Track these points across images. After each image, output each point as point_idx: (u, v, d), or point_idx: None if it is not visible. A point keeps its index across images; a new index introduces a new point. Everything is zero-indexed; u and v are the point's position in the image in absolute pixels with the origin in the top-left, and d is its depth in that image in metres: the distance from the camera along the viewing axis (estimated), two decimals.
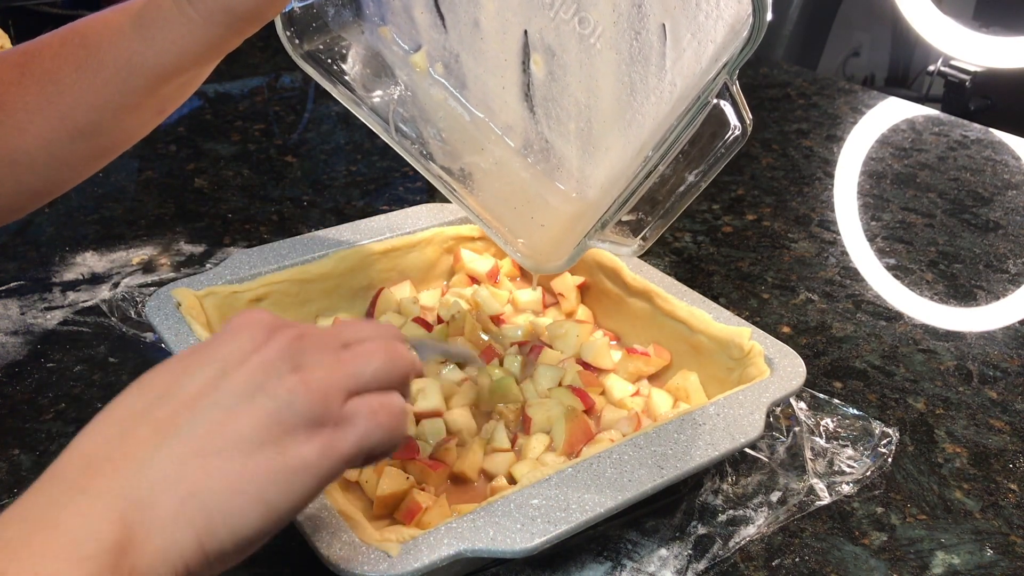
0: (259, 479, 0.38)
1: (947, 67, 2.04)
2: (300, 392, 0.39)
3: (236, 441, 0.38)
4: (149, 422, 0.38)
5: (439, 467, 0.60)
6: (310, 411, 0.39)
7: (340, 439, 0.40)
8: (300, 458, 0.39)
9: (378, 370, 0.43)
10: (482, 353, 0.71)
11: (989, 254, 0.97)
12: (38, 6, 1.61)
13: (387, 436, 0.42)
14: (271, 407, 0.39)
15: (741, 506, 0.61)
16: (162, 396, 0.39)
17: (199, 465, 0.37)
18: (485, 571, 0.56)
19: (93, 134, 0.60)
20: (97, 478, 0.36)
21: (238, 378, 0.39)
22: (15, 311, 0.81)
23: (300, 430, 0.39)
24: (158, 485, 0.36)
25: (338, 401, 0.41)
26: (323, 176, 1.11)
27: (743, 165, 1.18)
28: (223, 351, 0.40)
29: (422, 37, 0.60)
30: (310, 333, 0.43)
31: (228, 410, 0.38)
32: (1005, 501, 0.63)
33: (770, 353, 0.64)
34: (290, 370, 0.40)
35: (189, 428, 0.38)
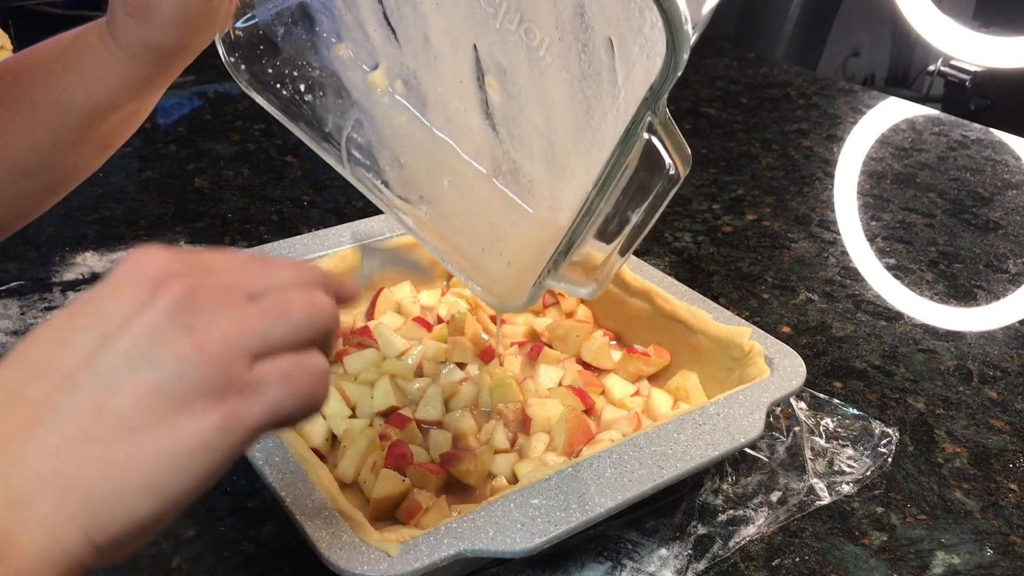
0: (147, 465, 0.33)
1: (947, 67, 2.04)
2: (192, 358, 0.34)
3: (116, 422, 0.33)
4: (21, 406, 0.33)
5: (438, 471, 0.60)
6: (205, 380, 0.34)
7: (245, 410, 0.35)
8: (195, 436, 0.34)
9: (292, 326, 0.37)
10: (482, 353, 0.71)
11: (989, 254, 0.97)
12: (38, 6, 1.61)
13: (304, 403, 0.37)
14: (156, 379, 0.33)
15: (741, 506, 0.61)
16: (36, 374, 0.34)
17: (77, 456, 0.33)
18: (485, 571, 0.56)
19: (36, 173, 0.59)
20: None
21: (119, 346, 0.34)
22: (15, 311, 0.81)
23: (195, 403, 0.34)
24: (32, 483, 0.32)
25: (241, 366, 0.35)
26: (323, 176, 1.11)
27: (743, 165, 1.18)
28: (105, 312, 0.35)
29: (379, 53, 0.56)
30: (207, 284, 0.36)
31: (107, 386, 0.33)
32: (1005, 501, 0.63)
33: (770, 353, 0.64)
34: (180, 332, 0.34)
35: (65, 411, 0.33)
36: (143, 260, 0.36)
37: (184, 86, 1.39)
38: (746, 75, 1.53)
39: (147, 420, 0.33)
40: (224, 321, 0.35)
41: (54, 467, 0.32)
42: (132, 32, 0.54)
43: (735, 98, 1.42)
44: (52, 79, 0.56)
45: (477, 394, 0.68)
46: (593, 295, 0.52)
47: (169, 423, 0.33)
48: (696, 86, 1.47)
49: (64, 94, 0.56)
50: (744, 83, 1.49)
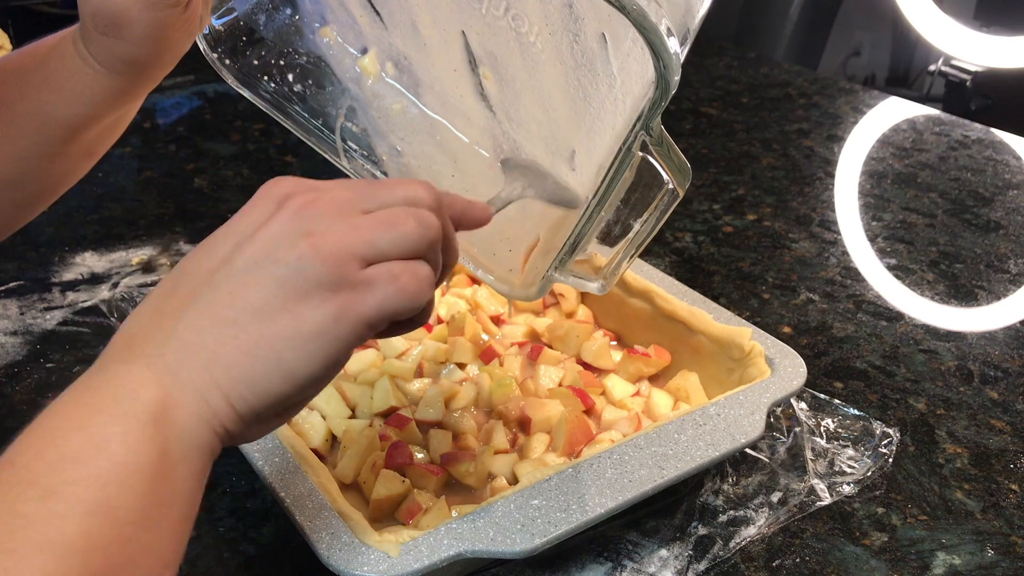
0: (274, 345, 0.38)
1: (948, 67, 2.04)
2: (309, 256, 0.39)
3: (248, 309, 0.38)
4: (175, 297, 0.40)
5: (438, 471, 0.60)
6: (322, 275, 0.39)
7: (358, 302, 0.40)
8: (315, 322, 0.39)
9: (397, 238, 0.41)
10: (482, 353, 0.71)
11: (990, 254, 0.97)
12: (38, 6, 1.61)
13: (409, 300, 0.41)
14: (280, 273, 0.39)
15: (742, 506, 0.61)
16: (186, 273, 0.41)
17: (216, 333, 0.38)
18: (485, 571, 0.55)
19: (18, 184, 0.59)
20: (134, 349, 0.39)
21: (249, 249, 0.40)
22: (15, 311, 0.81)
23: (314, 295, 0.39)
24: (182, 352, 0.38)
25: (353, 266, 0.40)
26: (323, 176, 1.10)
27: (743, 165, 1.18)
28: (240, 224, 0.41)
29: (366, 36, 0.55)
30: (326, 199, 0.41)
31: (239, 280, 0.39)
32: (1006, 501, 0.63)
33: (771, 353, 0.64)
34: (300, 235, 0.40)
35: (207, 299, 0.39)
36: (273, 185, 0.42)
37: (184, 86, 1.39)
38: (746, 75, 1.53)
39: (273, 307, 0.38)
40: (339, 228, 0.40)
41: (199, 342, 0.38)
42: (106, 47, 0.53)
43: (735, 98, 1.42)
44: (31, 91, 0.56)
45: (477, 394, 0.68)
46: (602, 291, 0.53)
47: (291, 311, 0.39)
48: (696, 86, 1.47)
49: (44, 106, 0.56)
50: (744, 83, 1.49)
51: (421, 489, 0.58)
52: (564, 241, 0.51)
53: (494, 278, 0.55)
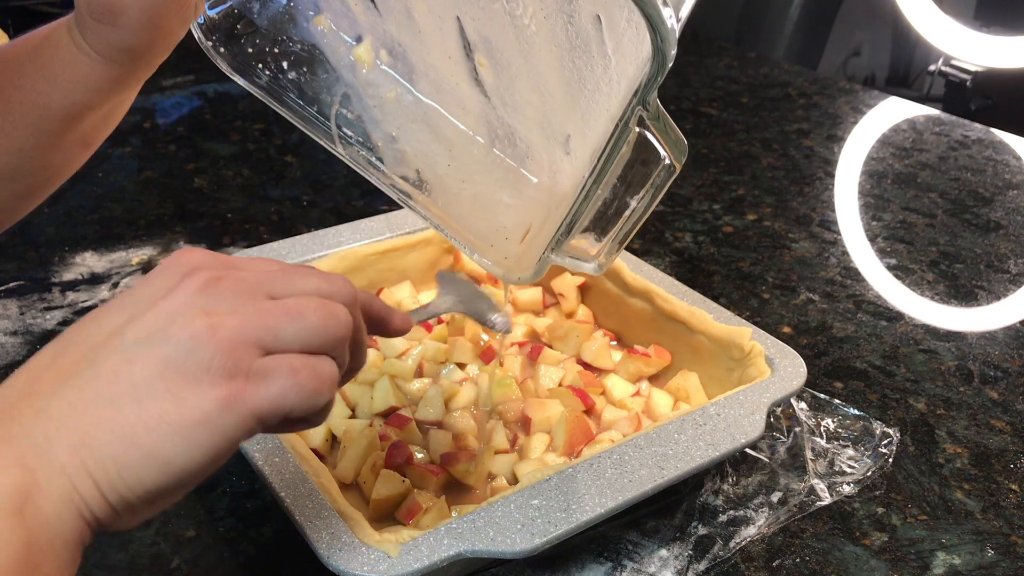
0: (152, 431, 0.35)
1: (948, 67, 2.04)
2: (204, 338, 0.36)
3: (129, 388, 0.36)
4: (53, 370, 0.37)
5: (438, 471, 0.60)
6: (215, 359, 0.36)
7: (250, 393, 0.37)
8: (199, 410, 0.36)
9: (303, 329, 0.38)
10: (482, 353, 0.71)
11: (990, 254, 0.97)
12: (37, 6, 1.61)
13: (307, 399, 0.38)
14: (170, 353, 0.36)
15: (742, 506, 0.61)
16: (71, 344, 0.38)
17: (92, 413, 0.35)
18: (485, 571, 0.55)
19: (17, 176, 0.59)
20: (1, 426, 0.35)
21: (142, 323, 0.37)
22: (15, 311, 0.81)
23: (203, 380, 0.36)
24: (52, 431, 0.35)
25: (250, 354, 0.37)
26: (323, 176, 1.11)
27: (743, 165, 1.18)
28: (137, 294, 0.38)
29: (360, 24, 0.55)
30: (233, 277, 0.39)
31: (125, 356, 0.36)
32: (1006, 501, 0.63)
33: (771, 353, 0.64)
34: (198, 314, 0.37)
35: (88, 374, 0.36)
36: (180, 256, 0.40)
37: (184, 86, 1.39)
38: (746, 75, 1.52)
39: (156, 389, 0.36)
40: (241, 311, 0.38)
41: (72, 421, 0.35)
42: (102, 35, 0.53)
43: (735, 98, 1.42)
44: (26, 82, 0.56)
45: (477, 394, 0.68)
46: (598, 271, 0.53)
47: (176, 394, 0.36)
48: (696, 86, 1.47)
49: (40, 97, 0.56)
50: (744, 83, 1.49)
51: (421, 489, 0.58)
52: (560, 221, 0.51)
53: (490, 262, 0.55)
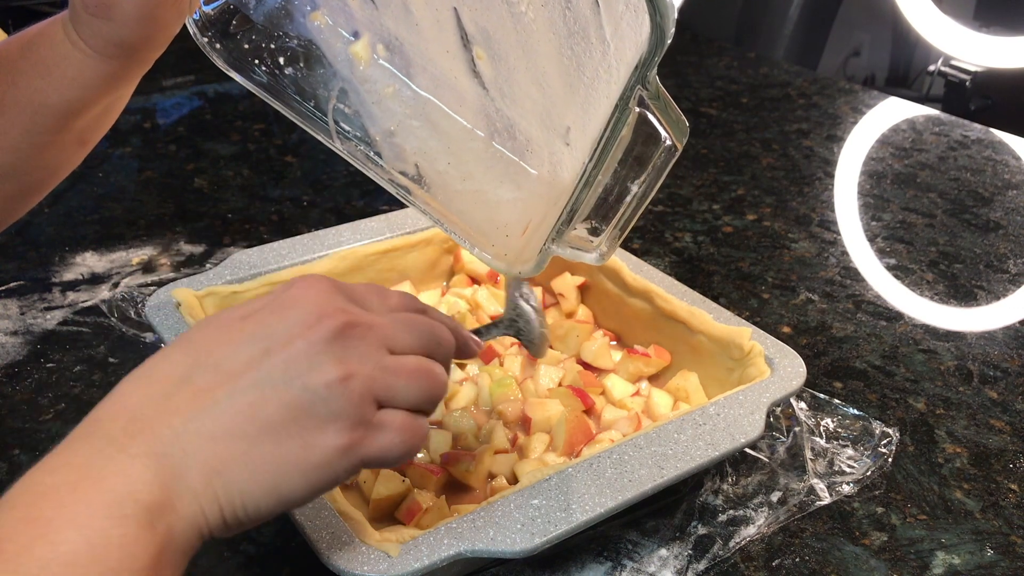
0: (281, 469, 0.39)
1: (947, 67, 2.04)
2: (337, 390, 0.40)
3: (265, 427, 0.39)
4: (189, 389, 0.39)
5: (438, 472, 0.60)
6: (343, 410, 0.40)
7: (366, 444, 0.41)
8: (323, 454, 0.40)
9: (414, 392, 0.43)
10: (482, 353, 0.71)
11: (989, 254, 0.97)
12: (38, 6, 1.61)
13: (405, 453, 0.43)
14: (305, 398, 0.39)
15: (741, 506, 0.61)
16: (204, 364, 0.40)
17: (228, 446, 0.38)
18: (485, 571, 0.56)
19: (13, 174, 0.59)
20: (137, 438, 0.37)
21: (279, 360, 0.40)
22: (15, 311, 0.81)
23: (329, 426, 0.40)
24: (190, 457, 0.38)
25: (372, 407, 0.41)
26: (323, 176, 1.11)
27: (743, 165, 1.18)
28: (272, 326, 0.41)
29: (357, 19, 0.55)
30: (363, 324, 0.42)
31: (263, 393, 0.39)
32: (1005, 501, 0.63)
33: (770, 353, 0.64)
34: (332, 361, 0.40)
35: (225, 404, 0.39)
36: (310, 288, 0.43)
37: (184, 86, 1.39)
38: (746, 75, 1.53)
39: (288, 431, 0.39)
40: (370, 365, 0.41)
41: (208, 449, 0.38)
42: (97, 30, 0.53)
43: (735, 98, 1.42)
44: (22, 79, 0.56)
45: (477, 394, 0.68)
46: (600, 261, 0.52)
47: (304, 438, 0.39)
48: (696, 86, 1.47)
49: (36, 94, 0.55)
50: (744, 83, 1.49)
51: (421, 489, 0.59)
52: (561, 211, 0.51)
53: (491, 256, 0.55)
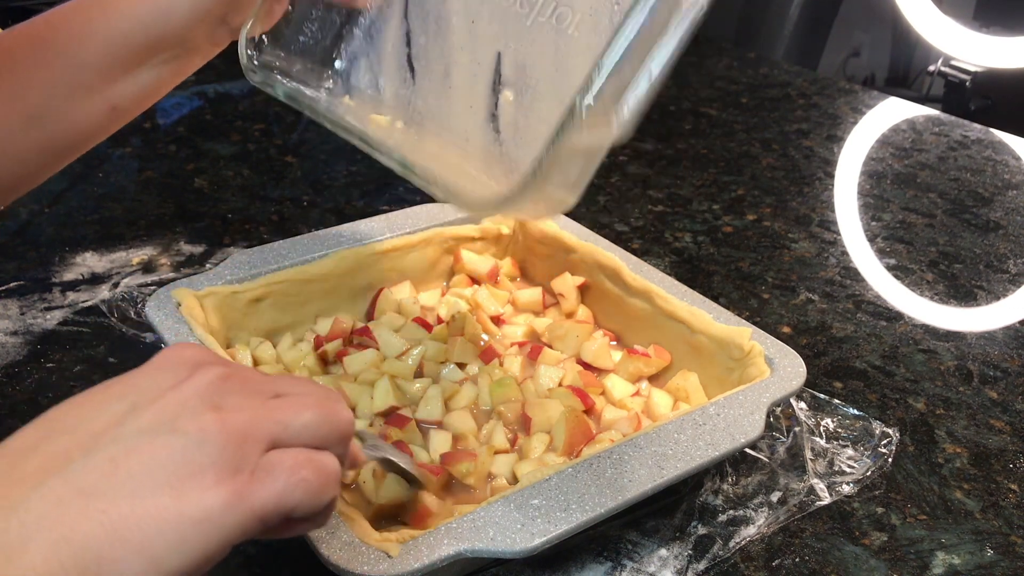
0: (146, 527, 0.33)
1: (947, 67, 2.04)
2: (213, 431, 0.35)
3: (127, 481, 0.33)
4: (38, 457, 0.34)
5: (438, 471, 0.60)
6: (222, 455, 0.35)
7: (253, 491, 0.35)
8: (201, 507, 0.34)
9: (309, 423, 0.38)
10: (482, 353, 0.71)
11: (989, 254, 0.97)
12: (38, 6, 1.61)
13: (311, 496, 0.37)
14: (176, 444, 0.34)
15: (741, 506, 0.61)
16: (59, 431, 0.35)
17: (79, 507, 0.32)
18: (485, 571, 0.56)
19: (43, 119, 0.60)
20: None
21: (147, 414, 0.35)
22: (15, 311, 0.81)
23: (207, 475, 0.34)
24: (30, 528, 0.32)
25: (257, 449, 0.36)
26: (323, 176, 1.11)
27: (743, 165, 1.18)
28: (140, 385, 0.37)
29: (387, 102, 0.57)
30: (239, 375, 0.39)
31: (126, 446, 0.34)
32: (1005, 501, 0.63)
33: (770, 353, 0.64)
34: (208, 408, 0.36)
35: (80, 464, 0.34)
36: (183, 350, 0.39)
37: (184, 86, 1.39)
38: (746, 75, 1.53)
39: (156, 482, 0.33)
40: (249, 407, 0.37)
41: (55, 514, 0.32)
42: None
43: (735, 98, 1.42)
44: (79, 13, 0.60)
45: (477, 394, 0.68)
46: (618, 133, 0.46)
47: (177, 489, 0.34)
48: (696, 86, 1.47)
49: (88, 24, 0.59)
50: (744, 83, 1.49)
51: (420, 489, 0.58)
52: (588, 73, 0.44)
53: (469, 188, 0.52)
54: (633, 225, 1.01)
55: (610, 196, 1.07)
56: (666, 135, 1.27)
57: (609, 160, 1.17)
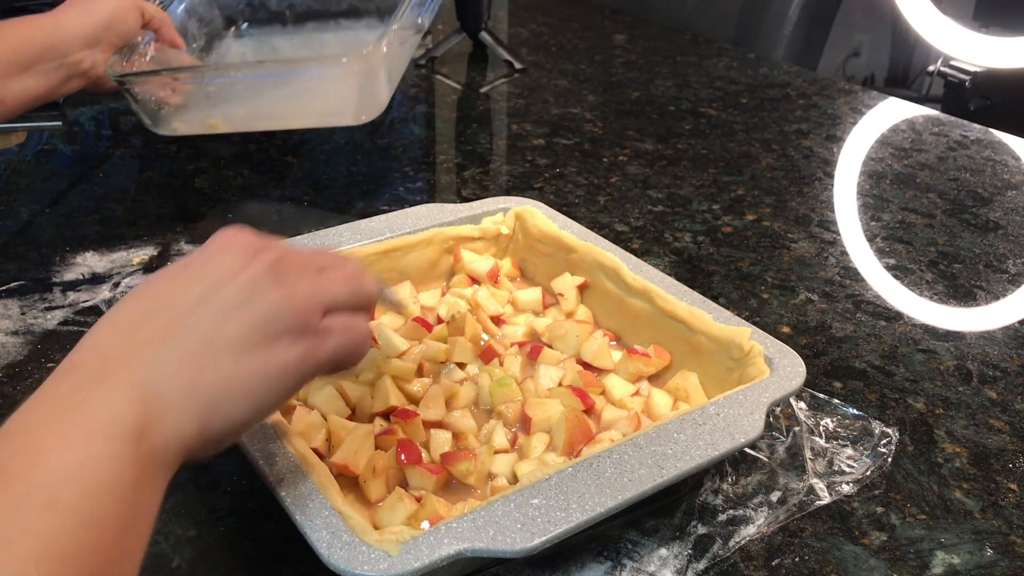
0: (248, 377, 0.44)
1: (947, 67, 2.04)
2: (285, 305, 0.46)
3: (226, 345, 0.44)
4: (149, 327, 0.43)
5: (438, 471, 0.60)
6: (294, 321, 0.46)
7: (319, 347, 0.47)
8: (284, 361, 0.45)
9: (350, 294, 0.50)
10: (482, 353, 0.71)
11: (989, 254, 0.97)
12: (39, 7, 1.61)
13: (355, 351, 0.50)
14: (259, 316, 0.45)
15: (741, 506, 0.61)
16: (161, 306, 0.44)
17: (197, 365, 0.43)
18: (485, 571, 0.56)
19: None
20: (115, 369, 0.41)
21: (228, 292, 0.45)
22: (15, 311, 0.81)
23: (283, 338, 0.45)
24: (165, 379, 0.42)
25: (317, 315, 0.47)
26: (323, 176, 1.11)
27: (743, 165, 1.18)
28: (214, 268, 0.46)
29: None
30: (290, 256, 0.48)
31: (221, 319, 0.44)
32: (1005, 501, 0.63)
33: (770, 353, 0.64)
34: (275, 285, 0.46)
35: (188, 333, 0.43)
36: (237, 235, 0.49)
37: None
38: (746, 75, 1.53)
39: (248, 345, 0.44)
40: (305, 282, 0.48)
41: (180, 370, 0.42)
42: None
43: (735, 98, 1.42)
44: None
45: (477, 394, 0.68)
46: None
47: (265, 349, 0.45)
48: (696, 86, 1.47)
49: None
50: (744, 83, 1.49)
51: (421, 489, 0.59)
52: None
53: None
54: (633, 225, 1.01)
55: (610, 196, 1.08)
56: (666, 135, 1.27)
57: (609, 160, 1.18)
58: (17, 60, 0.82)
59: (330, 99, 1.00)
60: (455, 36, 1.56)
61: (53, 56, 0.85)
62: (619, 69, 1.55)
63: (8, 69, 0.81)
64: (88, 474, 0.37)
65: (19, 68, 0.82)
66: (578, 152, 1.20)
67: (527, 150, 1.21)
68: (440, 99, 1.43)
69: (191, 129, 1.04)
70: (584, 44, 1.70)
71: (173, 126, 1.03)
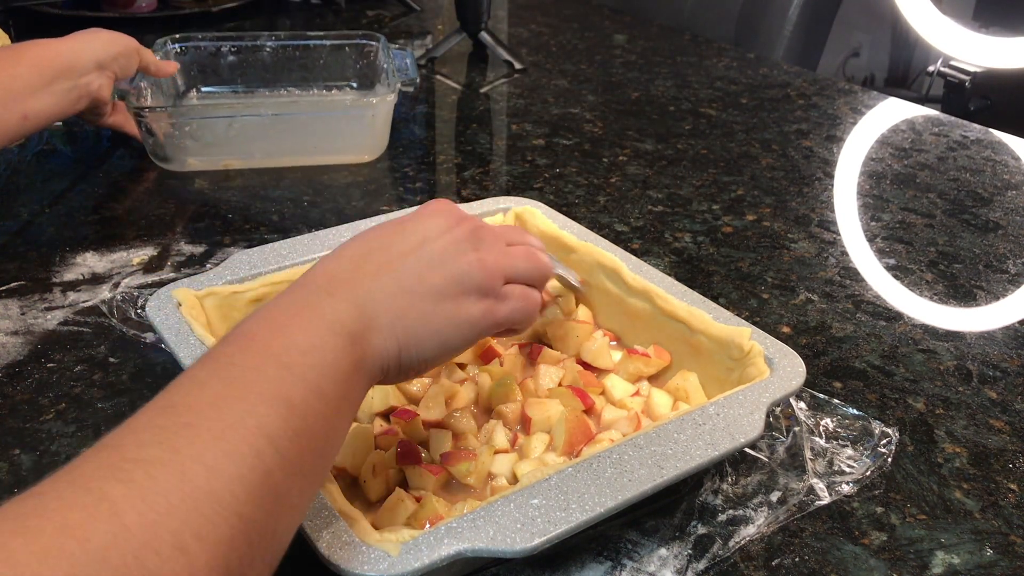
0: (440, 320, 0.52)
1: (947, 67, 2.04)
2: (476, 267, 0.54)
3: (430, 289, 0.52)
4: (372, 263, 0.52)
5: (438, 471, 0.60)
6: (481, 282, 0.54)
7: (498, 308, 0.56)
8: (469, 313, 0.54)
9: (529, 268, 0.59)
10: (482, 353, 0.71)
11: (989, 254, 0.97)
12: (39, 6, 1.61)
13: (527, 317, 0.58)
14: (456, 272, 0.53)
15: (741, 506, 0.61)
16: (380, 249, 0.53)
17: (405, 298, 0.51)
18: (485, 571, 0.56)
19: None
20: (341, 288, 0.50)
21: (435, 247, 0.54)
22: (15, 311, 0.81)
23: (472, 294, 0.54)
24: (378, 304, 0.50)
25: (500, 281, 0.56)
26: (323, 176, 1.11)
27: (743, 165, 1.18)
28: (425, 227, 0.55)
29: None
30: (485, 228, 0.57)
31: (426, 267, 0.53)
32: (1005, 501, 0.63)
33: (770, 353, 0.64)
34: (471, 249, 0.55)
35: (401, 272, 0.52)
36: (445, 205, 0.58)
37: None
38: (746, 75, 1.53)
39: (446, 294, 0.53)
40: (495, 252, 0.56)
41: (391, 300, 0.51)
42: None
43: (735, 98, 1.42)
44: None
45: (477, 394, 0.68)
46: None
47: (457, 300, 0.53)
48: (696, 87, 1.47)
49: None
50: (744, 83, 1.49)
51: (421, 489, 0.59)
52: None
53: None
54: (633, 225, 1.01)
55: (610, 196, 1.08)
56: (666, 135, 1.27)
57: (609, 160, 1.18)
58: (41, 76, 0.90)
59: (348, 138, 1.13)
60: (455, 36, 1.56)
61: (70, 75, 0.93)
62: (619, 69, 1.55)
63: (32, 84, 0.89)
64: (316, 353, 0.45)
65: (41, 85, 0.90)
66: (578, 152, 1.20)
67: (527, 150, 1.21)
68: (440, 99, 1.43)
69: (204, 166, 1.11)
70: (584, 44, 1.70)
71: (188, 162, 1.10)
